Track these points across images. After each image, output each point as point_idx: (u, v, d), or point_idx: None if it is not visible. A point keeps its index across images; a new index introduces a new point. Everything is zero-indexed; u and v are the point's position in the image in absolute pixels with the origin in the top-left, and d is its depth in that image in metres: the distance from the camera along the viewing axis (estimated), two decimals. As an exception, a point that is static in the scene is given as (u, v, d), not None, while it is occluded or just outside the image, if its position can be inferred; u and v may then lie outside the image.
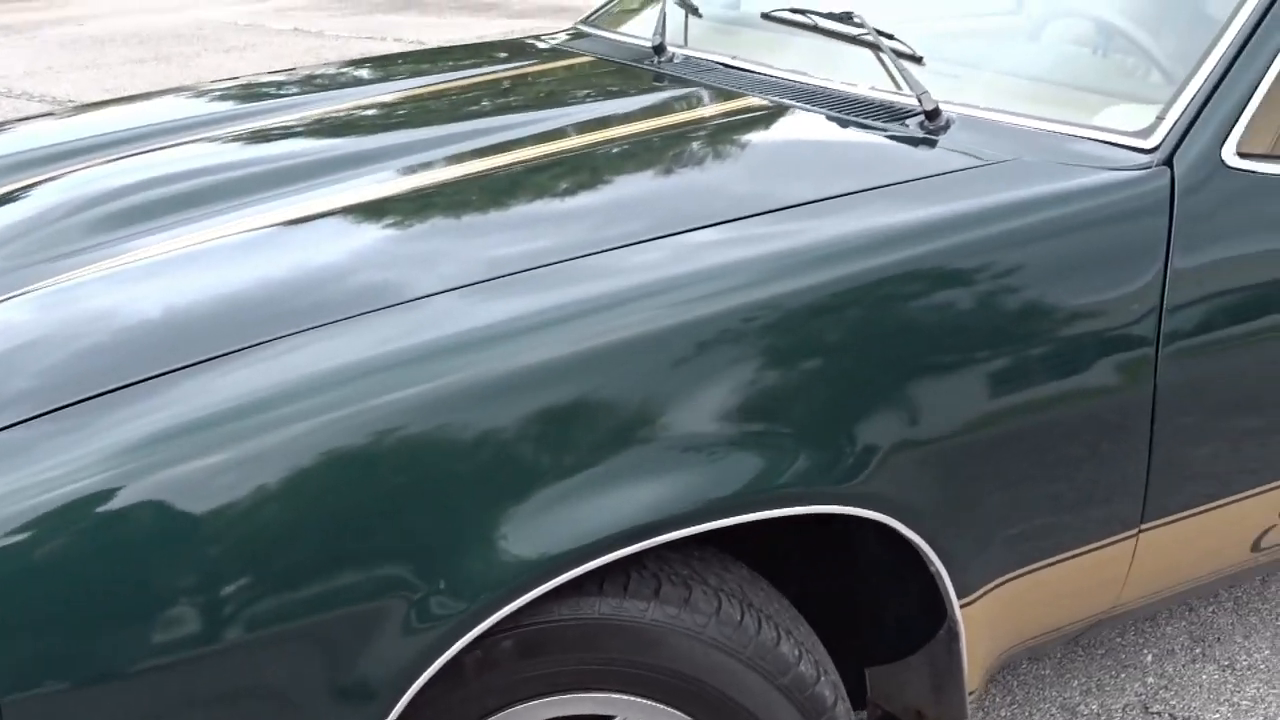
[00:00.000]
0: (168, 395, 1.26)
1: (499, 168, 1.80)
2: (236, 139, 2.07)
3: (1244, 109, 1.70)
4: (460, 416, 1.28)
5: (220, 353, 1.32)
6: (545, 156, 1.82)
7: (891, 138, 1.82)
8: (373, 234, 1.64)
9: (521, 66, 2.40)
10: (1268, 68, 1.72)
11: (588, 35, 2.56)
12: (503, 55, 2.58)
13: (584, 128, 1.92)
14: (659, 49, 2.26)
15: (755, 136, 1.92)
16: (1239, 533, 1.87)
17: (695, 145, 1.88)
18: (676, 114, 1.98)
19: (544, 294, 1.40)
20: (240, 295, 1.47)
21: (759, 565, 1.59)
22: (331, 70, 2.61)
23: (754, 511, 1.40)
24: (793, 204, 1.58)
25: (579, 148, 1.85)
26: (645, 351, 1.36)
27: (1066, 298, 1.58)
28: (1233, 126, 1.69)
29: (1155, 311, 1.61)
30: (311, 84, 2.49)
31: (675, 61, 2.23)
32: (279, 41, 8.22)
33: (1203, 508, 1.77)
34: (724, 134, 1.92)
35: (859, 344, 1.46)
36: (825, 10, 2.12)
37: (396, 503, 1.26)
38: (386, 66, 2.55)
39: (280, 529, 1.21)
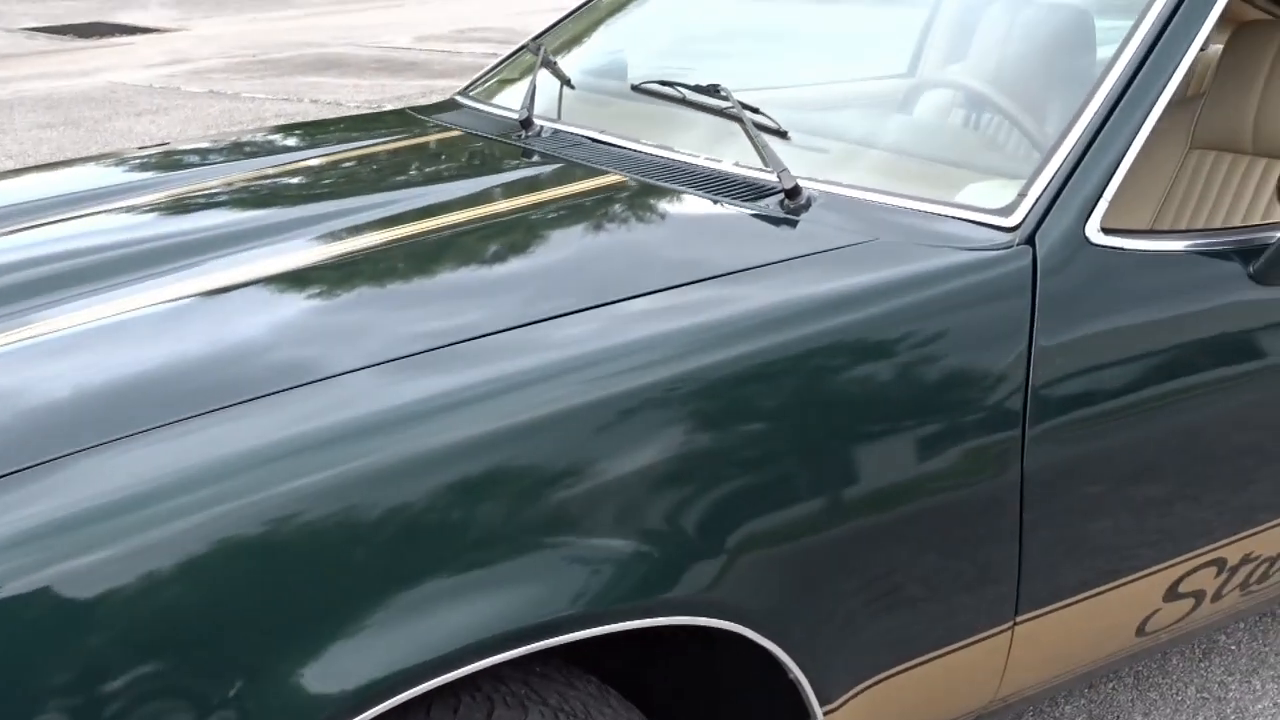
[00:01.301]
0: (43, 485, 1.18)
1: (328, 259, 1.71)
2: (149, 208, 1.99)
3: (1107, 185, 1.65)
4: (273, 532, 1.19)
5: (115, 437, 1.25)
6: (383, 245, 1.73)
7: (751, 217, 1.75)
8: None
9: (387, 141, 2.32)
10: (1130, 143, 1.68)
11: (462, 107, 2.49)
12: (371, 129, 2.50)
13: (434, 210, 1.83)
14: (526, 123, 2.19)
15: (604, 218, 1.84)
16: (1122, 619, 1.80)
17: (542, 226, 1.80)
18: (533, 193, 1.90)
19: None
20: (147, 373, 1.40)
21: (616, 672, 1.50)
22: (196, 146, 2.51)
23: (591, 627, 1.31)
24: (617, 298, 1.49)
25: (422, 232, 1.76)
26: (466, 460, 1.27)
27: (927, 383, 1.52)
28: (1096, 203, 1.64)
29: (1020, 393, 1.56)
30: (177, 160, 2.41)
31: (543, 136, 2.16)
32: (192, 104, 8.08)
33: (1081, 596, 1.71)
34: (575, 215, 1.84)
35: (702, 444, 1.38)
36: (693, 83, 2.07)
37: (216, 623, 1.16)
38: (251, 142, 2.45)
39: (108, 645, 1.12)
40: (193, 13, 12.61)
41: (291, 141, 2.47)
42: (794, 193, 1.74)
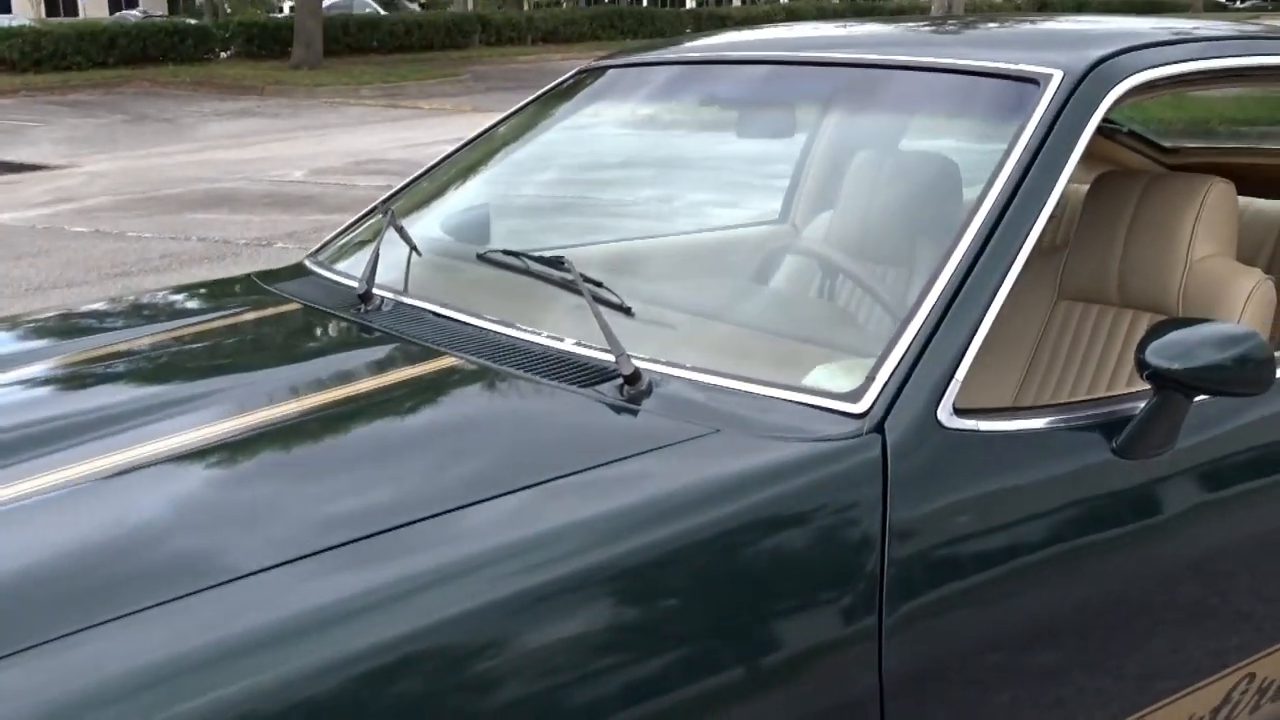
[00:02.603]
0: None
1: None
2: (33, 382, 1.87)
3: (958, 366, 1.57)
4: None
5: None
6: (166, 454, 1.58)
7: (587, 404, 1.63)
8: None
9: (222, 318, 2.16)
10: (982, 318, 1.60)
11: (309, 274, 2.36)
12: (209, 301, 2.37)
13: (249, 406, 1.68)
14: (365, 296, 2.06)
15: (424, 409, 1.71)
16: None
17: (346, 421, 1.66)
18: (351, 384, 1.73)
19: None
20: (23, 573, 1.27)
21: None
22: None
23: None
24: (410, 520, 1.35)
25: (225, 433, 1.61)
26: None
27: (773, 583, 1.41)
28: (947, 385, 1.56)
29: (874, 584, 1.45)
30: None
31: (383, 310, 2.04)
32: (76, 245, 7.88)
33: (954, 804, 1.59)
34: (392, 405, 1.70)
35: (545, 662, 1.25)
36: (537, 254, 1.97)
37: None
38: (73, 314, 2.30)
39: None
40: (83, 149, 12.45)
41: (115, 317, 2.32)
42: (634, 378, 1.64)
